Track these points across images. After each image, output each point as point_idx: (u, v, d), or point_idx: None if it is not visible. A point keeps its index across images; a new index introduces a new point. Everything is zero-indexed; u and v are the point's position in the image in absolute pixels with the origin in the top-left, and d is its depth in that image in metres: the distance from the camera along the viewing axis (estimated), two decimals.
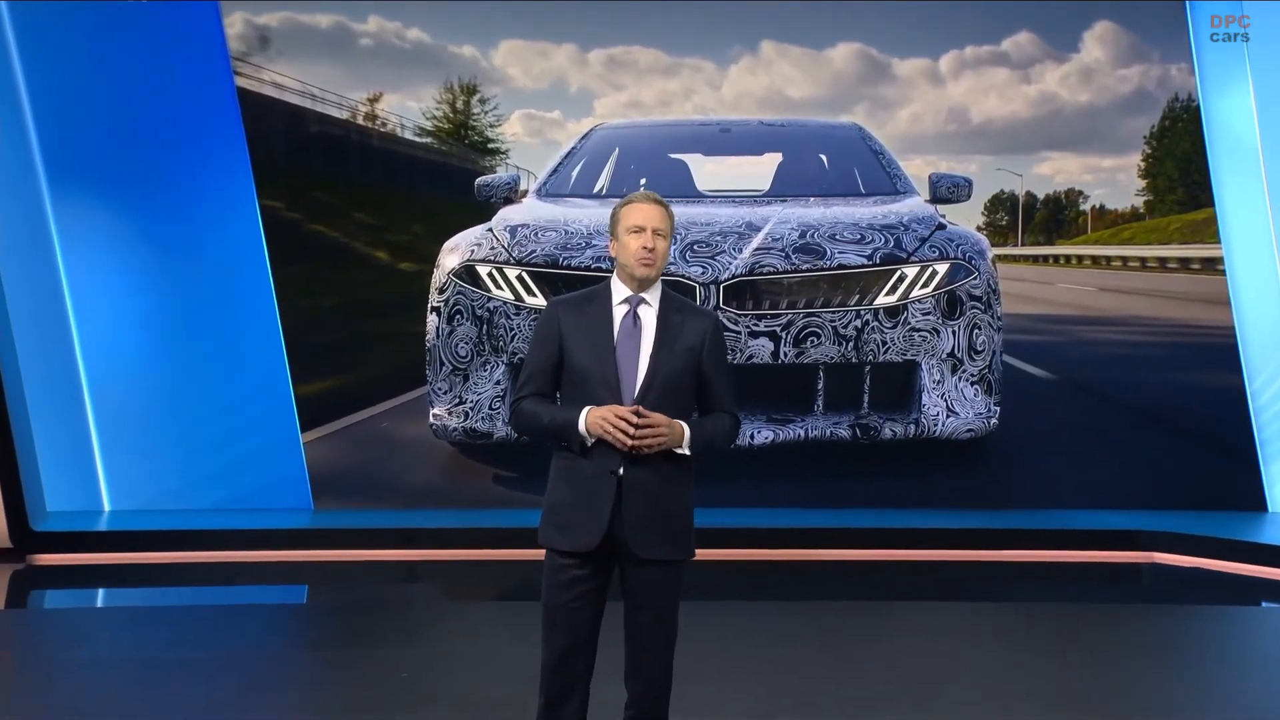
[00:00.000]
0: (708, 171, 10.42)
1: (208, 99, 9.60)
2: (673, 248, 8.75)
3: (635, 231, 3.97)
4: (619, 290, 4.02)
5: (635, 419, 3.82)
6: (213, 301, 9.63)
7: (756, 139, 10.57)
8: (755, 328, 8.89)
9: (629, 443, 3.83)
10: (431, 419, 9.22)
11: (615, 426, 3.82)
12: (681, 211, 9.29)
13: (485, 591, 8.11)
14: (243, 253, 9.65)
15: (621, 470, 3.88)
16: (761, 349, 8.89)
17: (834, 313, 8.94)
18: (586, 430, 3.87)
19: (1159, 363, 10.01)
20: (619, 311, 3.99)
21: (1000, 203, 10.72)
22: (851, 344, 8.95)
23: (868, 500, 9.49)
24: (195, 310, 9.62)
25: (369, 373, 10.22)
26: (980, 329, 9.05)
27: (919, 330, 8.96)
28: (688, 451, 3.92)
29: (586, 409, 3.88)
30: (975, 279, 9.08)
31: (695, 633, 4.50)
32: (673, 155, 10.43)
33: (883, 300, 8.97)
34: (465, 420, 9.14)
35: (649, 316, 4.00)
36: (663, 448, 3.87)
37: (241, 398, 9.62)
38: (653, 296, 4.02)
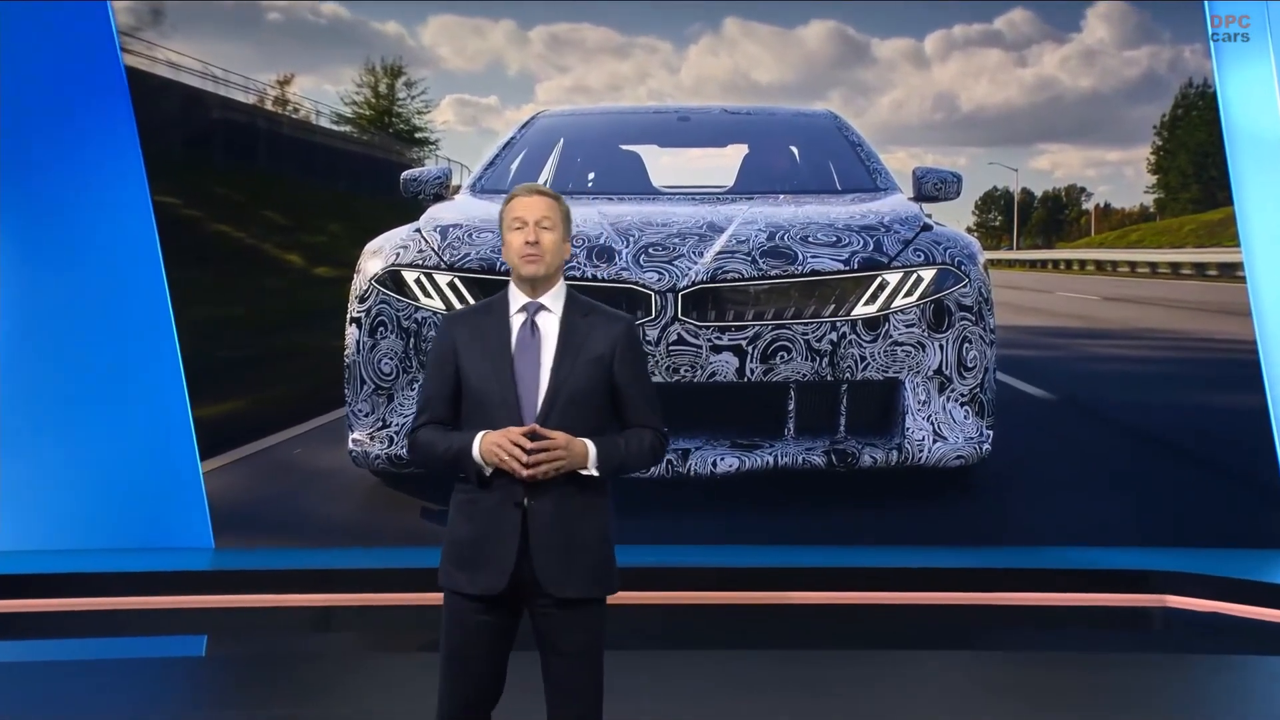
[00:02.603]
0: (664, 165, 10.42)
1: (89, 79, 9.55)
2: (626, 251, 8.84)
3: (517, 227, 4.01)
4: (516, 298, 4.05)
5: (528, 442, 3.84)
6: (98, 312, 9.56)
7: (719, 129, 10.58)
8: (718, 341, 8.87)
9: (524, 472, 3.84)
10: (351, 445, 9.16)
11: (509, 452, 3.84)
12: (635, 210, 9.29)
13: (410, 641, 8.00)
14: (133, 256, 9.59)
15: (526, 501, 3.90)
16: (725, 365, 8.87)
17: (806, 324, 8.93)
18: (481, 458, 3.90)
19: (1171, 381, 10.06)
20: (516, 322, 4.03)
21: (993, 201, 10.77)
22: (826, 360, 8.94)
23: (844, 536, 9.48)
24: (77, 322, 9.54)
25: (279, 392, 10.20)
26: (971, 343, 9.06)
27: (902, 344, 8.96)
28: (595, 473, 3.93)
29: (481, 434, 3.91)
30: (965, 287, 9.10)
31: (650, 684, 4.47)
32: (625, 147, 10.43)
33: (861, 310, 8.97)
34: (389, 446, 9.08)
35: (549, 324, 4.03)
36: (563, 471, 3.89)
37: (130, 422, 9.55)
38: (554, 302, 4.05)
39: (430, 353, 4.14)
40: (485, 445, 3.88)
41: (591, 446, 3.93)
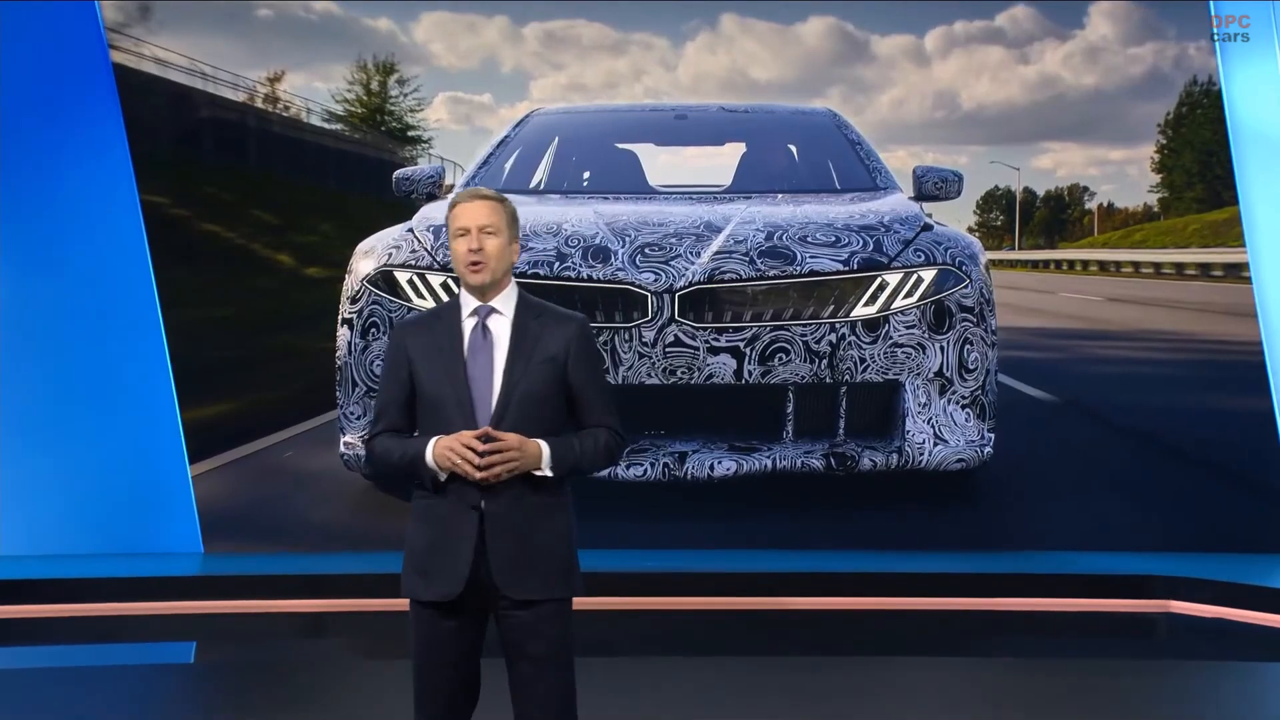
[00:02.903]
0: (661, 164, 10.42)
1: (77, 76, 9.53)
2: (621, 251, 8.82)
3: (460, 235, 4.05)
4: (467, 302, 4.10)
5: (479, 444, 3.89)
6: (84, 313, 9.56)
7: (716, 127, 10.57)
8: (715, 343, 8.86)
9: (476, 474, 3.89)
10: (342, 448, 9.14)
11: (461, 455, 3.89)
12: (631, 209, 9.27)
13: (401, 647, 7.96)
14: (121, 256, 9.59)
15: (482, 504, 3.95)
16: (722, 367, 8.86)
17: (805, 326, 8.92)
18: (435, 463, 3.95)
19: (1175, 384, 10.06)
20: (468, 325, 4.08)
21: (995, 200, 10.76)
22: (825, 361, 8.93)
23: (842, 541, 9.48)
24: (63, 323, 9.54)
25: (269, 395, 10.21)
26: (972, 344, 9.06)
27: (902, 346, 8.95)
28: (549, 473, 3.99)
29: (434, 439, 3.96)
30: (966, 287, 9.09)
31: (645, 691, 4.47)
32: (620, 145, 10.42)
33: (861, 312, 8.96)
34: None
35: (501, 327, 4.08)
36: (517, 472, 3.94)
37: (118, 424, 9.55)
38: (505, 304, 4.10)
39: (384, 362, 4.20)
40: (438, 450, 3.94)
41: (545, 447, 3.98)
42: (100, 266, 9.59)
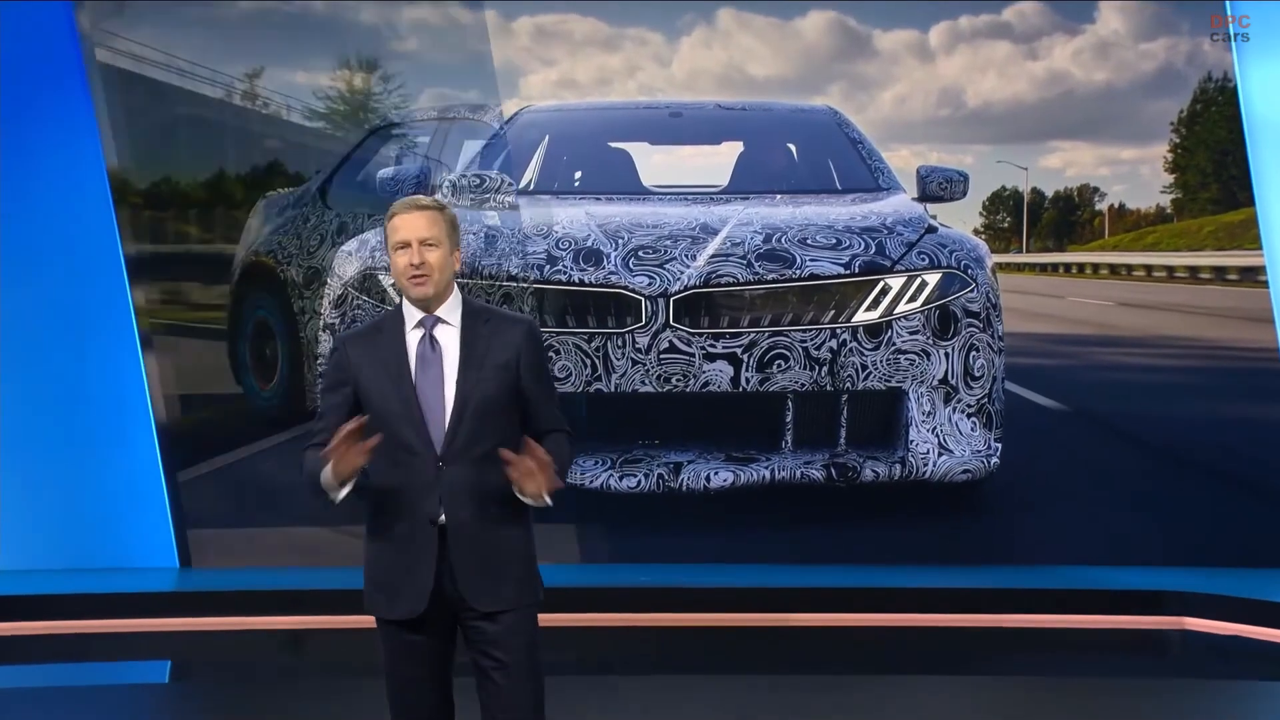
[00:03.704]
0: (655, 163, 10.40)
1: (46, 71, 9.52)
2: (614, 254, 8.81)
3: (400, 248, 4.07)
4: (411, 314, 4.13)
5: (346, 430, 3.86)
6: (56, 319, 9.55)
7: (713, 125, 10.56)
8: (712, 349, 8.84)
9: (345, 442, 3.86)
10: None
11: (339, 444, 3.86)
12: (624, 211, 9.25)
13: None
14: (93, 258, 9.58)
15: (442, 518, 4.00)
16: (719, 374, 8.84)
17: (805, 331, 8.91)
18: (332, 475, 3.95)
19: (1190, 392, 10.04)
20: (413, 338, 4.11)
21: (1001, 201, 10.74)
22: (825, 368, 8.92)
23: (843, 555, 9.46)
24: (34, 329, 9.53)
25: (249, 403, 10.18)
26: (978, 351, 9.05)
27: (905, 352, 8.95)
28: (560, 484, 4.05)
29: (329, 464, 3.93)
30: (972, 291, 9.09)
31: (642, 712, 4.45)
32: (613, 144, 10.40)
33: (863, 316, 8.96)
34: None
35: (449, 337, 4.11)
36: (547, 488, 3.97)
37: (91, 433, 9.53)
38: (451, 313, 4.13)
39: (325, 375, 4.24)
40: (331, 467, 3.93)
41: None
42: (73, 276, 9.59)
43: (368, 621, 8.05)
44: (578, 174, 10.22)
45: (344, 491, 3.97)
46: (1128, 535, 9.55)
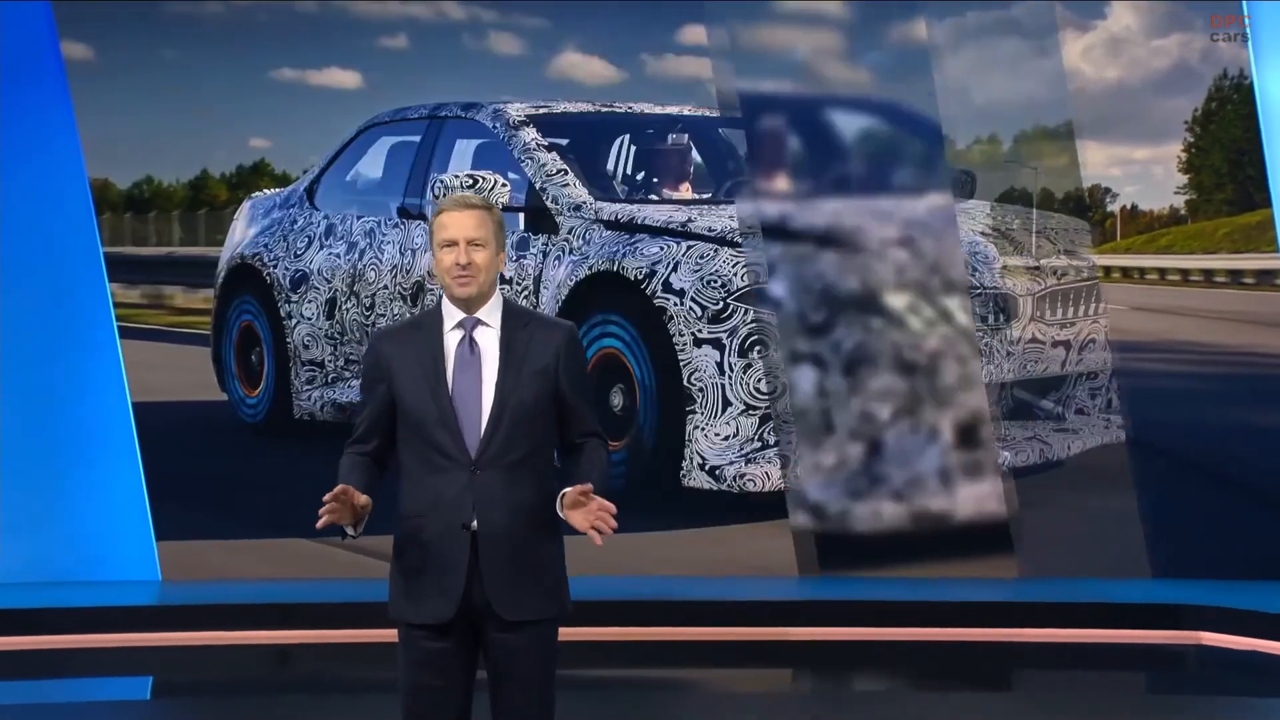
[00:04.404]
0: None
1: (24, 71, 9.53)
2: None
3: (447, 246, 4.07)
4: (450, 314, 4.12)
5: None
6: (34, 324, 9.53)
7: None
8: None
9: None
10: None
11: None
12: None
13: (374, 680, 7.91)
14: (75, 271, 9.60)
15: (475, 524, 3.99)
16: None
17: None
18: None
19: (1204, 399, 10.02)
20: (452, 338, 4.10)
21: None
22: None
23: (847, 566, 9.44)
24: (11, 335, 9.51)
25: (234, 410, 10.18)
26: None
27: None
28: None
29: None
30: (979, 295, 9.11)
31: None
32: None
33: None
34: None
35: (489, 339, 4.10)
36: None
37: (69, 441, 9.51)
38: (491, 315, 4.12)
39: (362, 375, 4.26)
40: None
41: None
42: (53, 279, 9.58)
43: (356, 636, 8.07)
44: None
45: (358, 530, 3.97)
46: (1141, 546, 9.51)
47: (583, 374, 4.21)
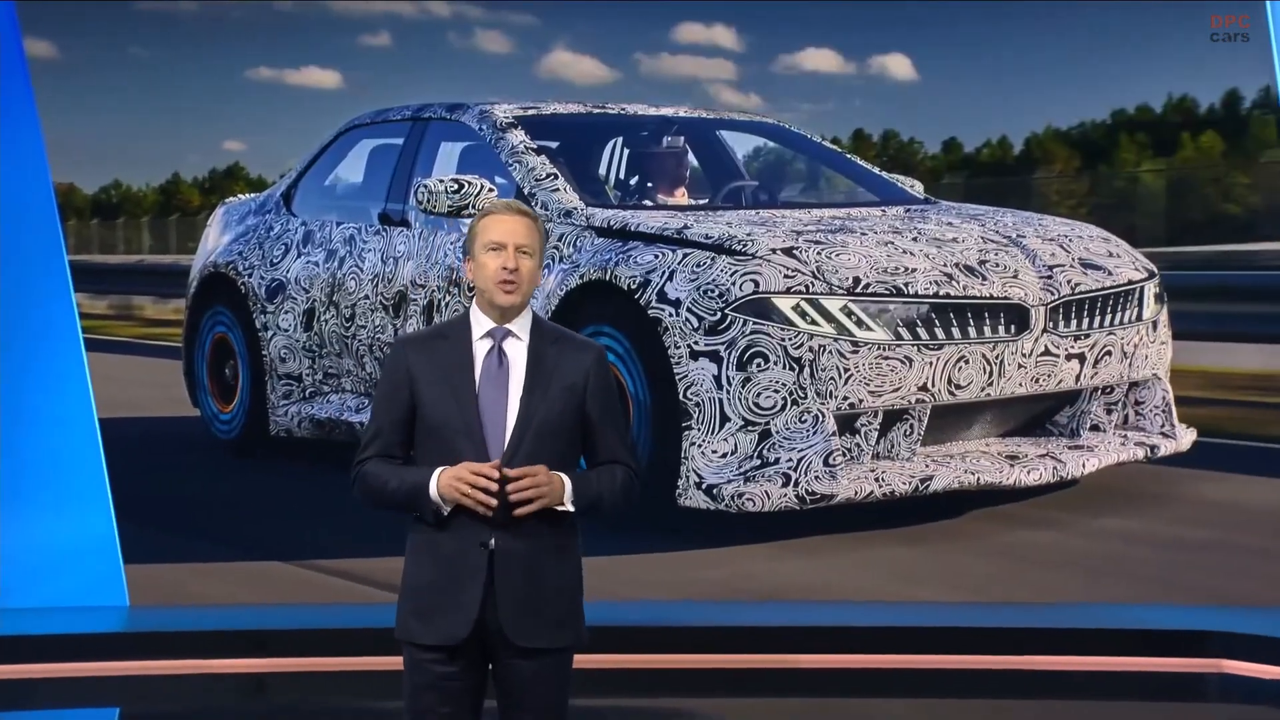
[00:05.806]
0: None
1: None
2: None
3: (494, 249, 4.06)
4: (480, 322, 4.14)
5: (495, 474, 3.93)
6: None
7: None
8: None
9: (491, 505, 3.94)
10: None
11: (474, 486, 3.93)
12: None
13: (354, 712, 7.96)
14: (36, 271, 9.54)
15: (493, 543, 3.99)
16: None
17: None
18: (440, 495, 3.98)
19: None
20: (480, 348, 4.12)
21: None
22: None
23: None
24: None
25: (207, 427, 10.22)
26: None
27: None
28: (570, 508, 4.04)
29: (439, 470, 3.99)
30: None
31: None
32: None
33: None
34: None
35: (517, 352, 4.11)
36: (545, 506, 3.99)
37: (31, 460, 9.45)
38: (521, 328, 4.14)
39: (381, 380, 4.24)
40: (444, 481, 3.96)
41: (566, 480, 4.04)
42: (15, 291, 9.55)
43: (336, 664, 8.09)
44: None
45: (448, 509, 4.01)
46: (1161, 569, 9.50)
47: (613, 399, 4.22)
